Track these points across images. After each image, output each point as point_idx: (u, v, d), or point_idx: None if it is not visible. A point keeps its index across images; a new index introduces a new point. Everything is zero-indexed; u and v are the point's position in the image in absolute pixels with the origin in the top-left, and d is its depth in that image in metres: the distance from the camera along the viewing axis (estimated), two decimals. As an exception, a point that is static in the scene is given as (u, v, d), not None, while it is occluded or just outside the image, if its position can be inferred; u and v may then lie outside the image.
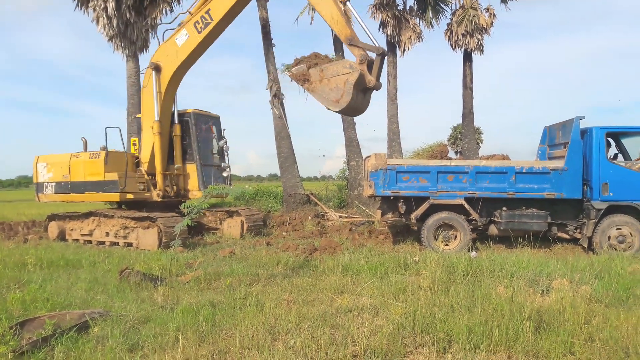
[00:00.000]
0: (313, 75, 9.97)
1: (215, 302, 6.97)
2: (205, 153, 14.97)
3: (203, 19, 12.46)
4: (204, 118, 15.20)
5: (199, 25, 12.61)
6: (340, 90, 9.71)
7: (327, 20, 10.68)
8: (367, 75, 9.83)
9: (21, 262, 9.83)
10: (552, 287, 7.29)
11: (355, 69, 9.69)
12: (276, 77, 19.94)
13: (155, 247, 12.41)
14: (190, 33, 12.76)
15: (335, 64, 10.04)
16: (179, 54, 13.06)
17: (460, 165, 12.09)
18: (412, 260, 9.75)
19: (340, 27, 10.43)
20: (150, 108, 13.72)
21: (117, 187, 13.21)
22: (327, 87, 9.86)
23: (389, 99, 21.08)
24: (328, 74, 9.85)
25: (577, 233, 12.02)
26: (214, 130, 15.43)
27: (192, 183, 14.63)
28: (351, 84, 9.61)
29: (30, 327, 5.59)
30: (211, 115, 15.57)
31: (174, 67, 13.23)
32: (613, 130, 12.02)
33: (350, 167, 20.69)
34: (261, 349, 5.05)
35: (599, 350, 4.97)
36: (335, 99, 9.80)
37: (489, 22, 20.46)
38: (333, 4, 10.45)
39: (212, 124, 15.51)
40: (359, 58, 9.91)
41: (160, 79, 13.37)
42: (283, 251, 11.58)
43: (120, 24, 19.33)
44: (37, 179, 14.92)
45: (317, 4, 10.91)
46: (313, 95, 10.11)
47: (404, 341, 5.26)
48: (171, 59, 13.20)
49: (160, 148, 13.80)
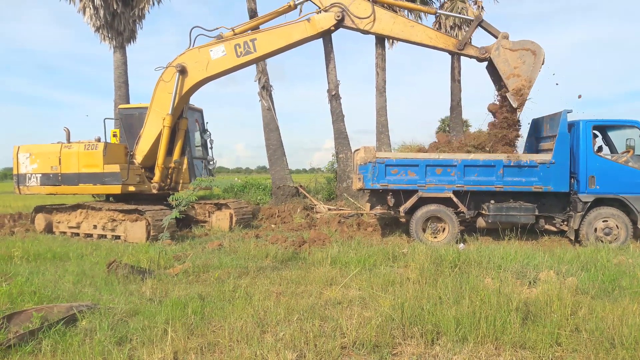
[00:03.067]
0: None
1: (204, 294, 6.96)
2: (192, 146, 14.95)
3: (245, 45, 12.42)
4: (190, 111, 15.08)
5: (239, 49, 12.54)
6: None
7: (427, 43, 11.90)
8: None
9: (8, 254, 9.74)
10: (539, 279, 7.36)
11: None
12: (264, 69, 19.85)
13: (143, 240, 12.35)
14: (228, 52, 12.66)
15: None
16: (209, 67, 12.93)
17: (449, 158, 12.13)
18: (400, 253, 9.81)
19: (444, 41, 11.42)
20: (164, 103, 13.47)
21: (119, 179, 13.08)
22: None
23: (377, 91, 21.06)
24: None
25: (564, 225, 12.14)
26: (198, 123, 15.38)
27: (184, 176, 14.58)
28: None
29: (17, 320, 5.54)
30: (195, 108, 15.47)
31: (201, 77, 13.11)
32: (600, 123, 12.12)
33: (339, 160, 20.68)
34: (250, 341, 5.06)
35: (585, 341, 5.03)
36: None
37: (477, 14, 20.46)
38: (423, 27, 11.79)
39: (197, 117, 15.46)
40: (478, 54, 12.17)
41: (183, 80, 13.20)
42: (272, 243, 11.57)
43: (107, 14, 19.14)
44: (19, 170, 14.33)
45: (410, 36, 12.08)
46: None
47: (393, 333, 5.29)
48: (200, 68, 13.03)
49: (167, 141, 13.72)
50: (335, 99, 20.58)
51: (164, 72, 13.38)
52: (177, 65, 13.10)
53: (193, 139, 15.05)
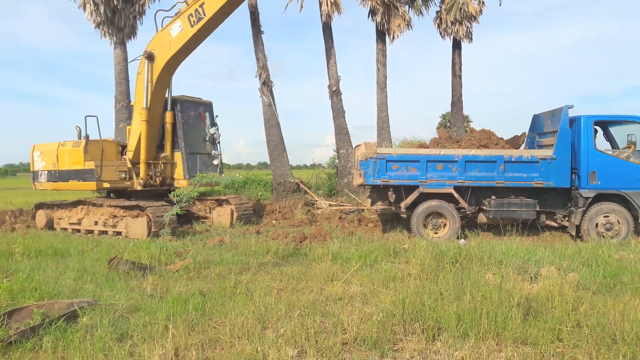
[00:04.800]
0: None
1: (204, 290, 6.95)
2: (194, 141, 14.79)
3: (197, 13, 12.15)
4: (194, 105, 14.99)
5: (192, 19, 12.29)
6: None
7: None
8: None
9: (9, 251, 9.74)
10: (540, 275, 7.35)
11: None
12: (265, 65, 19.79)
13: (144, 236, 12.35)
14: (184, 25, 12.45)
15: None
16: (172, 45, 12.78)
17: (450, 154, 12.12)
18: (401, 248, 9.80)
19: None
20: (141, 95, 13.56)
21: (94, 176, 13.31)
22: None
23: (378, 87, 21.01)
24: None
25: (565, 221, 12.12)
26: (204, 117, 15.17)
27: (178, 171, 14.52)
28: None
29: (18, 316, 5.54)
30: (202, 102, 15.34)
31: (166, 58, 12.95)
32: (601, 119, 12.10)
33: (340, 155, 20.66)
34: (251, 337, 5.06)
35: (587, 336, 5.02)
36: None
37: (478, 10, 20.36)
38: None
39: (202, 111, 15.25)
40: None
41: (152, 67, 13.14)
42: (273, 239, 11.57)
43: (108, 10, 19.06)
44: (33, 167, 15.18)
45: None
46: None
47: (394, 329, 5.29)
48: (164, 49, 12.92)
49: (146, 136, 13.67)
50: (336, 94, 20.54)
51: (139, 65, 13.44)
52: (145, 53, 13.12)
53: (195, 133, 14.89)
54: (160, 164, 14.32)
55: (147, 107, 13.43)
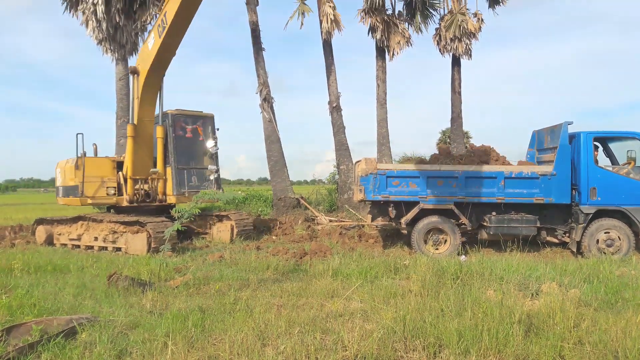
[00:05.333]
0: None
1: (204, 307, 6.92)
2: (188, 155, 14.60)
3: (162, 22, 12.12)
4: (190, 118, 14.84)
5: (159, 29, 12.28)
6: None
7: None
8: None
9: (8, 267, 9.70)
10: (542, 291, 7.32)
11: None
12: (266, 81, 19.92)
13: (144, 252, 12.32)
14: (155, 37, 12.47)
15: None
16: (149, 58, 12.76)
17: (450, 170, 12.14)
18: (402, 264, 9.76)
19: None
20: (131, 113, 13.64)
21: (77, 193, 13.57)
22: None
23: (378, 103, 21.10)
24: None
25: (566, 237, 12.10)
26: (201, 131, 14.92)
27: (169, 187, 14.37)
28: None
29: (16, 333, 5.51)
30: (199, 115, 15.18)
31: (145, 71, 12.89)
32: (601, 135, 12.15)
33: (340, 171, 20.69)
34: (251, 354, 5.02)
35: (589, 353, 4.98)
36: None
37: (477, 27, 20.56)
38: None
39: (200, 124, 15.06)
40: None
41: (137, 82, 13.16)
42: (273, 255, 11.55)
43: (110, 27, 19.20)
44: (56, 183, 15.61)
45: None
46: None
47: (395, 346, 5.25)
48: (145, 63, 12.93)
49: (132, 152, 13.62)
50: (336, 110, 20.64)
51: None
52: (130, 68, 13.26)
53: (189, 148, 14.73)
54: (150, 179, 14.18)
55: (133, 123, 13.40)
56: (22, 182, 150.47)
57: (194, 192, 13.15)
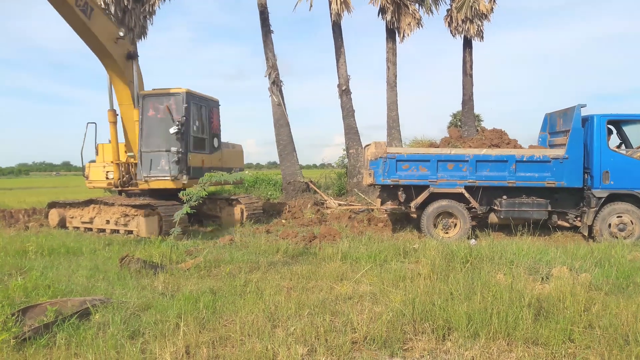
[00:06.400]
0: None
1: (215, 289, 6.99)
2: (157, 137, 13.64)
3: None
4: (160, 98, 13.83)
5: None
6: None
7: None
8: None
9: (22, 249, 9.85)
10: (552, 275, 7.31)
11: None
12: (275, 64, 19.85)
13: (155, 235, 12.42)
14: None
15: None
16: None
17: (461, 153, 12.07)
18: (411, 248, 9.78)
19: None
20: None
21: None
22: None
23: (388, 86, 20.97)
24: None
25: (577, 221, 12.03)
26: (169, 110, 13.60)
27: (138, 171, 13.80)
28: None
29: (32, 314, 5.61)
30: (170, 93, 13.80)
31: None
32: (614, 118, 11.98)
33: (349, 155, 20.65)
34: (261, 335, 5.08)
35: (599, 337, 4.98)
36: None
37: (489, 8, 20.26)
38: None
39: (168, 103, 13.67)
40: None
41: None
42: (282, 239, 11.60)
43: (118, 10, 19.17)
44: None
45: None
46: None
47: (404, 328, 5.28)
48: None
49: (114, 137, 13.76)
50: (345, 94, 20.54)
51: None
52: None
53: (159, 129, 13.69)
54: (126, 164, 13.91)
55: (111, 109, 13.56)
56: (34, 165, 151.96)
57: (160, 178, 13.26)
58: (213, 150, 15.05)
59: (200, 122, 14.48)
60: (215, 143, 15.12)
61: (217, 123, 15.34)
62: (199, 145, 14.44)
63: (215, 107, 15.35)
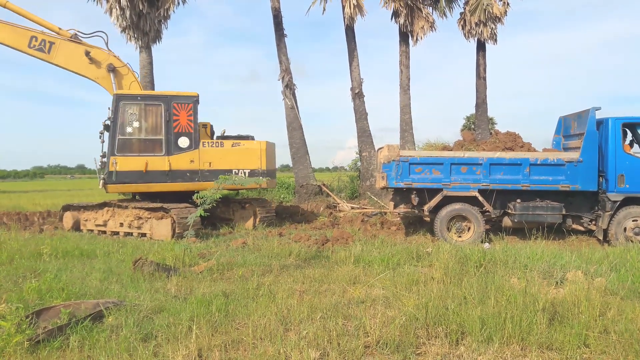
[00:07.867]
0: None
1: (228, 292, 7.00)
2: (111, 139, 13.47)
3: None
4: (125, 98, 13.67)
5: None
6: None
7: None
8: None
9: (37, 252, 9.93)
10: (567, 279, 7.23)
11: None
12: (288, 68, 19.90)
13: (168, 238, 12.49)
14: None
15: None
16: None
17: (474, 156, 12.00)
18: (424, 252, 9.72)
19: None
20: None
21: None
22: None
23: (401, 89, 20.93)
24: None
25: (592, 225, 11.90)
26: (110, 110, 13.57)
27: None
28: None
29: (46, 316, 5.65)
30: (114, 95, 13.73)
31: None
32: (630, 120, 11.85)
33: (362, 158, 20.63)
34: (274, 339, 5.07)
35: (614, 342, 4.92)
36: None
37: (503, 11, 20.16)
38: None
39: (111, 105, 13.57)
40: None
41: None
42: (295, 242, 11.60)
43: (133, 15, 19.35)
44: None
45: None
46: None
47: (417, 332, 5.25)
48: None
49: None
50: (358, 97, 20.53)
51: None
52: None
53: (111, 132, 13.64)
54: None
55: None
56: (49, 168, 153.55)
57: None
58: (178, 151, 13.79)
59: (149, 122, 13.73)
60: (183, 143, 13.86)
61: (188, 121, 13.92)
62: (139, 147, 13.66)
63: (185, 104, 13.92)
